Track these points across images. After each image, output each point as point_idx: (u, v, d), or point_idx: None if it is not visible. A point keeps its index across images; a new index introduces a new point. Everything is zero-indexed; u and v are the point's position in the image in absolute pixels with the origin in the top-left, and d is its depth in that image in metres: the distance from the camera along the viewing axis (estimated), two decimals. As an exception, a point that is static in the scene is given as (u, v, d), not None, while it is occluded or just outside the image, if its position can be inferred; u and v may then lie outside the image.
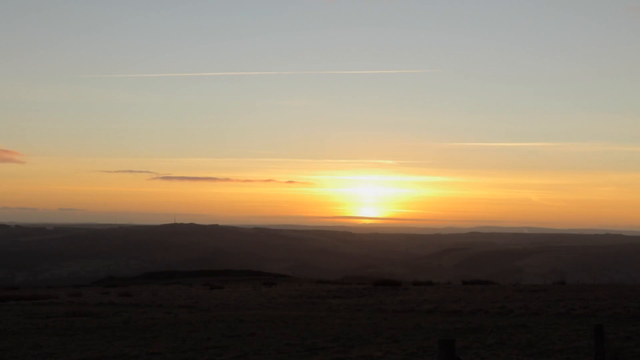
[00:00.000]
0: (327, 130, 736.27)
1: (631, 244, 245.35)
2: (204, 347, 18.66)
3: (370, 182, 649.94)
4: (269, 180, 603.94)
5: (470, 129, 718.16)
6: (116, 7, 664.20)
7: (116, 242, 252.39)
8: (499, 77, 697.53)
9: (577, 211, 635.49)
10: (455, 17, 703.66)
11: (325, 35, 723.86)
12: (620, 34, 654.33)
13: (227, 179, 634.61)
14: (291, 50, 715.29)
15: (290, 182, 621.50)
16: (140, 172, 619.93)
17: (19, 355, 18.03)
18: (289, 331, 21.79)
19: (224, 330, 22.55)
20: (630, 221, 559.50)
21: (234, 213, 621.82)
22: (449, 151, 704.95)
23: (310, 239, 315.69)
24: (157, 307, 36.03)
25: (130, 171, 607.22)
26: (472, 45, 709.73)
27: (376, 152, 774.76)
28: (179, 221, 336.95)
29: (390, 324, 23.26)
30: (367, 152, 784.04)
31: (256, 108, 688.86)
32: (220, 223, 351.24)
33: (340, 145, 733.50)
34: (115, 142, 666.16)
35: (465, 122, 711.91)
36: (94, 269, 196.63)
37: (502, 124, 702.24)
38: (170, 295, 46.56)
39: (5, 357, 17.77)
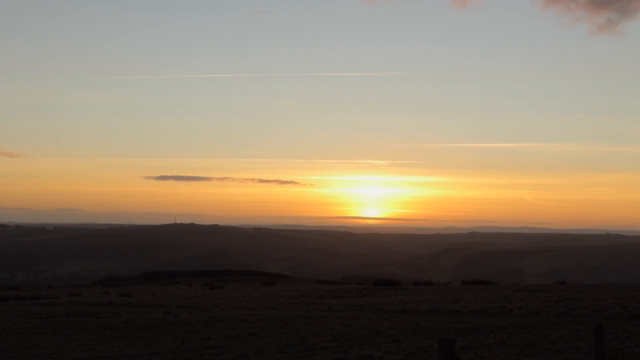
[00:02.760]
0: (317, 131, 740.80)
1: (631, 244, 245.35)
2: (204, 347, 18.65)
3: (363, 182, 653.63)
4: (252, 179, 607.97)
5: (459, 130, 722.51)
6: (114, 10, 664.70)
7: (116, 242, 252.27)
8: (487, 78, 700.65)
9: (571, 211, 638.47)
10: (446, 18, 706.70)
11: (316, 38, 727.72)
12: (615, 36, 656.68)
13: (224, 178, 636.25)
14: (285, 53, 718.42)
15: (280, 182, 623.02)
16: (136, 172, 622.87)
17: (19, 355, 18.01)
18: (289, 331, 21.78)
19: (224, 330, 22.54)
20: (623, 221, 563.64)
21: (234, 213, 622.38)
22: (438, 152, 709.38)
23: (310, 239, 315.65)
24: (157, 307, 36.02)
25: (125, 173, 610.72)
26: (464, 46, 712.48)
27: (366, 152, 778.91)
28: (179, 221, 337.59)
29: (390, 324, 23.25)
30: (356, 152, 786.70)
31: (247, 108, 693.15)
32: (220, 223, 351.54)
33: (331, 146, 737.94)
34: (111, 143, 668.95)
35: (454, 123, 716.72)
36: (94, 269, 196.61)
37: (492, 125, 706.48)
38: (170, 295, 46.55)
39: (5, 357, 17.76)
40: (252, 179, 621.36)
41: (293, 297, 40.32)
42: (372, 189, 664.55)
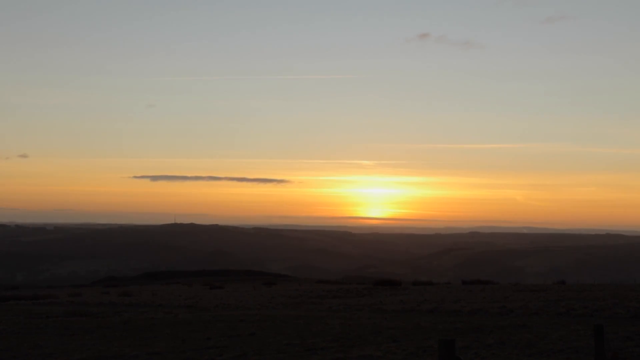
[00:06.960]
0: (305, 131, 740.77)
1: (631, 244, 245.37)
2: (204, 347, 18.65)
3: (353, 183, 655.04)
4: (242, 179, 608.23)
5: (448, 130, 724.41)
6: (100, 4, 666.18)
7: (116, 242, 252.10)
8: (475, 78, 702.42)
9: (564, 211, 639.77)
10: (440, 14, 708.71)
11: (308, 39, 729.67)
12: (618, 33, 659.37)
13: (214, 178, 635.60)
14: (273, 53, 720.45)
15: (276, 182, 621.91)
16: (125, 172, 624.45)
17: (19, 355, 18.01)
18: (289, 331, 21.78)
19: (224, 330, 22.54)
20: (614, 221, 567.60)
21: (234, 213, 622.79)
22: (425, 152, 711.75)
23: (310, 239, 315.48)
24: (157, 307, 36.04)
25: (117, 173, 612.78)
26: (458, 43, 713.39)
27: (352, 152, 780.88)
28: (179, 221, 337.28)
29: (390, 324, 23.25)
30: (342, 153, 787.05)
31: (240, 109, 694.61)
32: (220, 223, 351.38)
33: (319, 146, 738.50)
34: (106, 143, 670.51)
35: (440, 124, 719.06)
36: (94, 269, 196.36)
37: (482, 125, 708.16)
38: (170, 295, 46.58)
39: (5, 357, 17.76)
40: (243, 178, 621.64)
41: (293, 297, 40.35)
42: (366, 190, 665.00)
